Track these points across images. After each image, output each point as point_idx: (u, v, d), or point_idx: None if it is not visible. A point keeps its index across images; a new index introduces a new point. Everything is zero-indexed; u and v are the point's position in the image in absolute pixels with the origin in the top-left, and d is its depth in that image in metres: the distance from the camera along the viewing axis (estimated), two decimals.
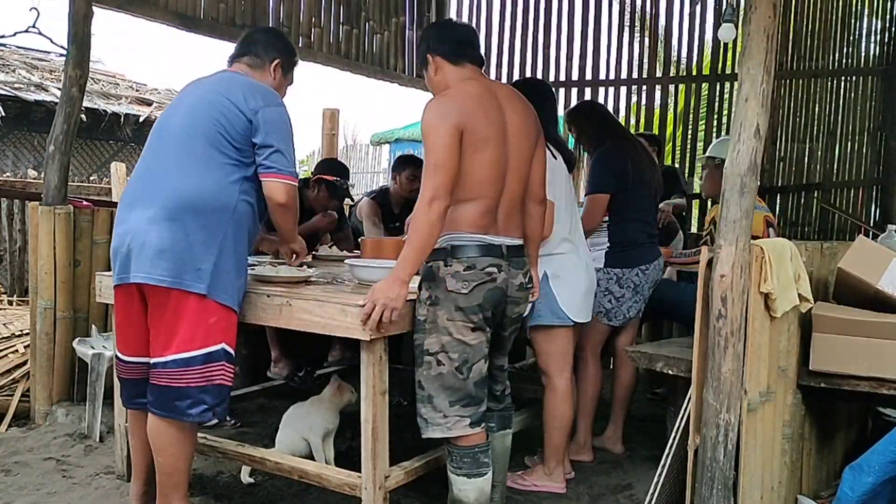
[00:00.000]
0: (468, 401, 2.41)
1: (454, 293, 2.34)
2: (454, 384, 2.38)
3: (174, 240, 2.37)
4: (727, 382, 2.26)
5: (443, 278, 2.35)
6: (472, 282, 2.35)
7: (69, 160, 3.91)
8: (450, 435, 2.40)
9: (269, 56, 2.70)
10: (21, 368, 4.05)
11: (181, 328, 2.39)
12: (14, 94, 9.58)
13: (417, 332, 2.42)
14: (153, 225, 2.38)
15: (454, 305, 2.35)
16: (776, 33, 2.27)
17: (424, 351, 2.39)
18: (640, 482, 3.13)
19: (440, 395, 2.39)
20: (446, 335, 2.36)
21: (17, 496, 2.94)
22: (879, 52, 6.25)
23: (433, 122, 2.31)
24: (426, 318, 2.38)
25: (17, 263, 6.31)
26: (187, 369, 2.40)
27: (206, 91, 2.57)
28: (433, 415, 2.40)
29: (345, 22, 5.92)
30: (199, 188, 2.41)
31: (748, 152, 2.24)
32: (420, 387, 2.42)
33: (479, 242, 2.37)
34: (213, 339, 2.42)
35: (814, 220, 6.39)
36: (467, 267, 2.35)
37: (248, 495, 3.00)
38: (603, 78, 6.73)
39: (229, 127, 2.46)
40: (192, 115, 2.51)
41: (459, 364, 2.38)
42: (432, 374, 2.39)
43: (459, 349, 2.37)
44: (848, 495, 2.44)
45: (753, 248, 2.30)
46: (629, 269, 3.31)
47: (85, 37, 3.85)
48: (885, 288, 2.66)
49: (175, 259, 2.36)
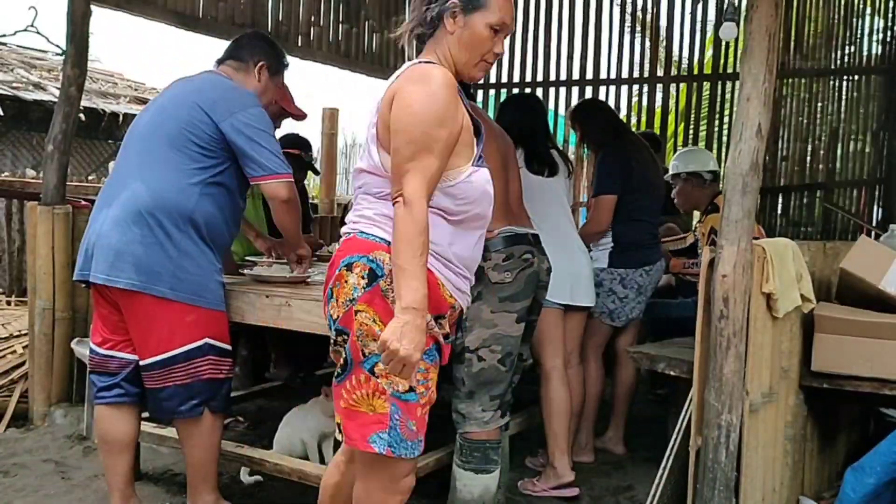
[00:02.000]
0: (506, 392, 2.46)
1: (499, 284, 2.38)
2: (496, 377, 2.41)
3: (131, 242, 2.37)
4: (729, 383, 2.25)
5: (485, 272, 2.36)
6: (514, 270, 2.40)
7: (68, 160, 3.90)
8: (487, 429, 2.43)
9: (253, 58, 2.68)
10: (19, 369, 4.03)
11: (155, 329, 2.40)
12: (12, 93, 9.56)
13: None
14: (114, 226, 2.39)
15: (498, 297, 2.38)
16: (778, 32, 2.26)
17: (465, 348, 2.40)
18: (641, 483, 3.12)
19: (482, 390, 2.41)
20: (490, 328, 2.38)
21: (15, 498, 2.93)
22: (882, 52, 6.23)
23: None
24: (466, 316, 2.37)
25: (15, 263, 6.29)
26: (171, 368, 2.42)
27: (178, 92, 2.56)
28: (472, 410, 2.42)
29: (344, 21, 5.91)
30: (156, 190, 2.40)
31: (750, 152, 2.23)
32: (461, 383, 2.43)
33: (509, 233, 2.42)
34: (193, 336, 2.43)
35: (816, 219, 6.37)
36: (506, 257, 2.40)
37: (248, 496, 2.99)
38: (604, 77, 6.72)
39: (195, 129, 2.44)
40: (159, 115, 2.52)
41: (502, 357, 2.41)
42: (474, 371, 2.40)
43: (504, 341, 2.40)
44: (850, 496, 2.44)
45: (755, 249, 2.28)
46: (633, 269, 3.30)
47: (83, 36, 3.84)
48: (887, 288, 2.65)
49: (134, 262, 2.36)
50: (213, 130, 2.44)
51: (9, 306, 5.54)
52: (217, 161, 2.47)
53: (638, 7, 6.74)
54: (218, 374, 2.49)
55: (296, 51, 5.49)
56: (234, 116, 2.43)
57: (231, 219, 2.58)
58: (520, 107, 3.16)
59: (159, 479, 3.14)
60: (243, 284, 2.68)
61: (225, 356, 2.52)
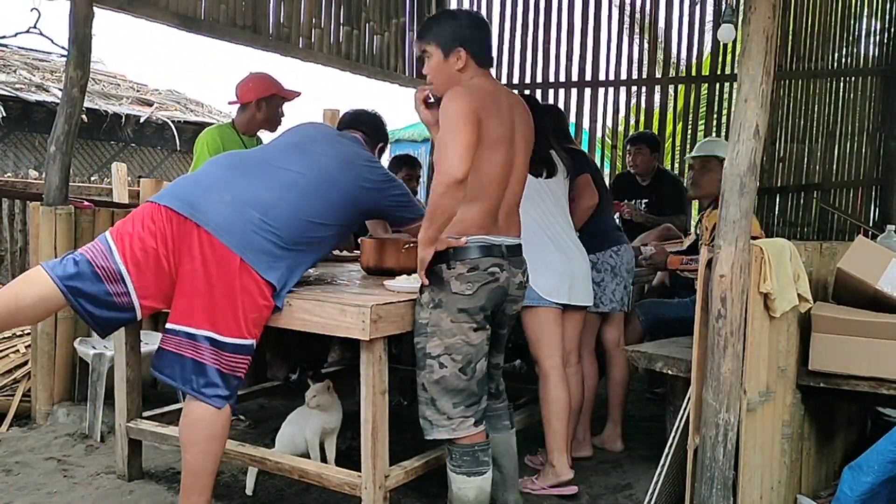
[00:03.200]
0: (471, 400, 2.43)
1: (458, 295, 2.36)
2: (458, 385, 2.39)
3: (266, 240, 2.43)
4: (727, 382, 2.27)
5: (447, 281, 2.36)
6: (476, 283, 2.37)
7: (70, 161, 3.91)
8: (455, 436, 2.42)
9: (377, 143, 3.09)
10: (22, 368, 4.05)
11: (230, 305, 2.36)
12: (15, 94, 9.58)
13: (418, 335, 2.43)
14: (252, 211, 2.43)
15: (457, 307, 2.36)
16: (775, 34, 2.28)
17: (427, 354, 2.40)
18: (639, 482, 3.14)
19: (444, 398, 2.40)
20: (451, 337, 2.37)
21: (17, 496, 2.95)
22: (879, 53, 6.25)
23: (454, 108, 2.29)
24: (428, 322, 2.39)
25: (18, 264, 6.30)
26: (217, 351, 2.38)
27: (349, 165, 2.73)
28: (437, 417, 2.41)
29: (345, 23, 5.93)
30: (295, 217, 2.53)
31: (747, 153, 2.25)
32: (423, 389, 2.43)
33: (481, 243, 2.39)
34: (251, 331, 2.43)
35: (813, 220, 6.39)
36: (471, 268, 2.37)
37: (249, 494, 3.01)
38: (602, 79, 6.74)
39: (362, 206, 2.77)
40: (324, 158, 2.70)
41: (463, 365, 2.39)
42: (435, 378, 2.39)
43: (464, 350, 2.38)
44: (847, 495, 2.45)
45: (753, 249, 2.30)
46: (602, 251, 3.37)
47: (86, 37, 3.86)
48: (884, 288, 2.67)
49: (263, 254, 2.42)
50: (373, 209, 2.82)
51: None
52: (345, 218, 2.70)
53: (636, 9, 6.76)
54: (243, 374, 2.48)
55: (297, 52, 5.52)
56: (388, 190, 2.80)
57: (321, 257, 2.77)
58: None
59: (161, 477, 3.16)
60: None
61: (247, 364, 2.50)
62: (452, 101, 2.30)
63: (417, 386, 2.45)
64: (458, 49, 2.42)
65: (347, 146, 2.80)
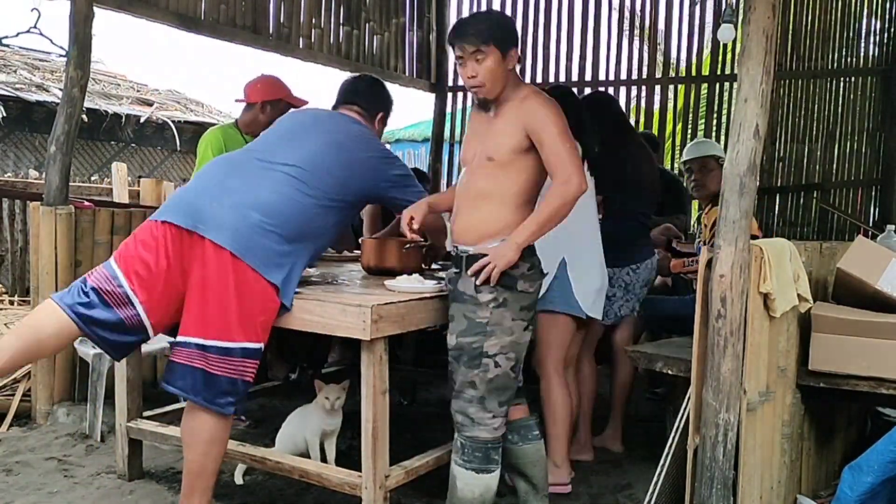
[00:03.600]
0: (512, 399, 2.49)
1: (523, 293, 2.42)
2: (507, 384, 2.44)
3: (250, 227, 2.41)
4: (726, 382, 2.27)
5: (514, 278, 2.39)
6: (536, 281, 2.47)
7: (70, 160, 3.91)
8: (494, 435, 2.44)
9: (377, 112, 2.93)
10: (22, 368, 4.05)
11: (239, 311, 2.36)
12: (15, 94, 9.58)
13: (472, 334, 2.41)
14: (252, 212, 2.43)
15: (520, 306, 2.42)
16: (775, 34, 2.28)
17: (483, 353, 2.40)
18: (639, 482, 3.14)
19: (492, 396, 2.42)
20: (509, 335, 2.41)
21: (18, 496, 2.95)
22: (878, 53, 6.25)
23: (564, 121, 2.40)
24: (488, 321, 2.39)
25: (18, 264, 6.31)
26: (225, 358, 2.38)
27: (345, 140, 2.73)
28: (482, 415, 2.42)
29: (345, 23, 5.93)
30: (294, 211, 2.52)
31: (747, 153, 2.25)
32: (472, 387, 2.42)
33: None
34: (258, 336, 2.42)
35: (813, 220, 6.39)
36: (530, 267, 2.44)
37: (249, 494, 3.01)
38: (602, 78, 6.74)
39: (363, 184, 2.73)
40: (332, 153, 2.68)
41: (514, 364, 2.44)
42: (489, 377, 2.41)
43: (517, 349, 2.44)
44: (847, 495, 2.45)
45: (753, 249, 2.30)
46: (619, 268, 3.32)
47: (86, 37, 3.86)
48: (884, 288, 2.67)
49: (264, 250, 2.40)
50: (374, 189, 2.76)
51: (12, 306, 5.56)
52: (349, 198, 2.68)
53: (636, 9, 6.76)
54: (251, 378, 2.47)
55: (297, 52, 5.52)
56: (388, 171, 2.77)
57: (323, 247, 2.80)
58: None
59: (161, 477, 3.16)
60: None
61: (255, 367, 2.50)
62: (557, 108, 2.41)
63: (460, 384, 2.43)
64: (513, 49, 2.44)
65: (339, 127, 2.76)
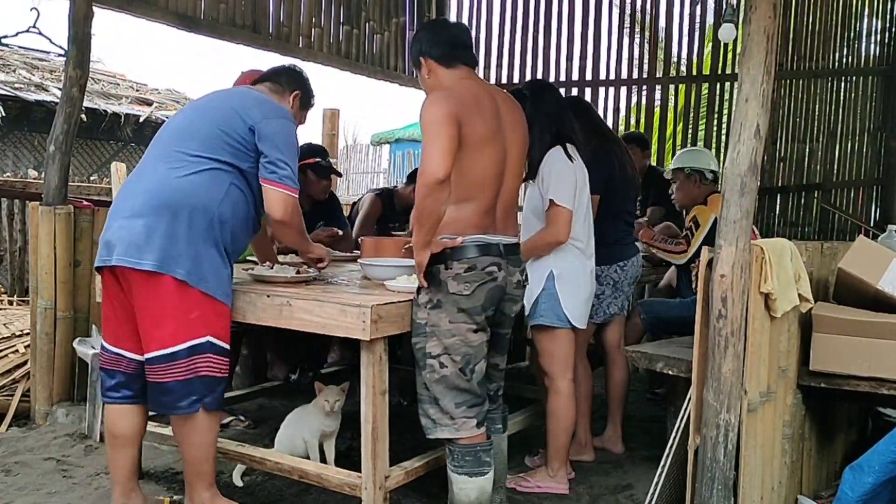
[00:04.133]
0: (474, 401, 2.43)
1: (456, 295, 2.35)
2: (459, 385, 2.39)
3: (155, 230, 2.43)
4: (727, 382, 2.26)
5: (444, 281, 2.36)
6: (473, 283, 2.36)
7: (69, 160, 3.91)
8: (458, 436, 2.41)
9: (290, 86, 2.80)
10: (21, 368, 4.05)
11: (165, 321, 2.44)
12: (14, 94, 9.58)
13: (417, 335, 2.42)
14: (139, 216, 2.46)
15: (456, 308, 2.36)
16: (776, 33, 2.28)
17: (427, 354, 2.39)
18: (640, 482, 3.13)
19: (446, 397, 2.40)
20: (449, 338, 2.37)
21: (17, 496, 2.94)
22: (879, 53, 6.25)
23: (432, 113, 2.32)
24: (426, 322, 2.39)
25: (17, 263, 6.31)
26: (173, 363, 2.45)
27: (215, 98, 2.66)
28: (440, 416, 2.41)
29: (345, 22, 5.93)
30: (183, 186, 2.47)
31: (748, 152, 2.25)
32: (425, 388, 2.42)
33: (478, 242, 2.38)
34: (197, 332, 2.46)
35: (814, 220, 6.39)
36: (468, 268, 2.36)
37: (249, 495, 3.00)
38: (603, 78, 6.74)
39: (230, 131, 2.52)
40: (196, 117, 2.61)
41: (463, 365, 2.39)
42: (436, 377, 2.39)
43: (462, 351, 2.38)
44: (848, 495, 2.45)
45: (753, 249, 2.30)
46: (607, 265, 3.32)
47: (85, 37, 3.85)
48: (885, 288, 2.66)
49: (157, 246, 2.42)
50: (247, 133, 2.52)
51: (11, 306, 5.56)
52: (245, 166, 2.55)
53: (636, 8, 6.76)
54: (216, 372, 2.52)
55: (297, 52, 5.51)
56: (270, 121, 2.53)
57: (248, 223, 2.64)
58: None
59: (161, 477, 3.15)
60: (244, 284, 2.70)
61: (224, 356, 2.54)
62: (428, 106, 2.34)
63: (418, 386, 2.45)
64: (421, 59, 2.52)
65: (220, 94, 2.70)
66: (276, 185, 2.51)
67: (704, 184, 3.89)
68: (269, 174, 2.50)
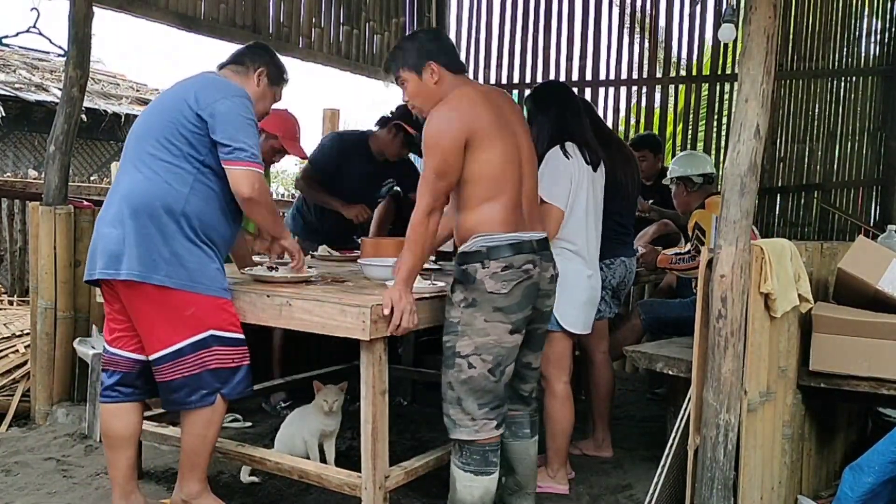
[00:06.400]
0: (496, 403, 2.41)
1: (493, 294, 2.33)
2: (485, 386, 2.37)
3: (127, 237, 2.43)
4: (727, 383, 2.27)
5: (481, 280, 2.33)
6: (511, 281, 2.34)
7: (70, 160, 3.91)
8: (477, 437, 2.39)
9: (253, 64, 2.73)
10: (21, 368, 4.05)
11: (159, 323, 2.46)
12: (15, 94, 9.59)
13: (448, 333, 2.40)
14: (111, 224, 2.48)
15: (493, 307, 2.33)
16: (776, 34, 2.28)
17: (456, 353, 2.37)
18: (639, 482, 3.13)
19: (470, 398, 2.38)
20: (483, 337, 2.34)
21: (17, 496, 2.94)
22: (880, 53, 6.24)
23: (439, 131, 2.32)
24: (459, 321, 2.36)
25: (17, 263, 6.31)
26: (179, 360, 2.46)
27: (170, 91, 2.64)
28: (461, 417, 2.39)
29: (345, 22, 5.93)
30: (147, 187, 2.47)
31: (748, 153, 2.25)
32: (450, 388, 2.40)
33: (513, 241, 2.36)
34: (196, 328, 2.46)
35: (814, 220, 6.39)
36: (505, 267, 2.33)
37: (249, 495, 3.00)
38: (603, 78, 6.73)
39: (179, 123, 2.49)
40: (152, 114, 2.61)
41: (493, 366, 2.36)
42: (463, 377, 2.37)
43: (495, 351, 2.35)
44: (848, 495, 2.45)
45: (753, 249, 2.30)
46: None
47: (85, 37, 3.86)
48: (885, 288, 2.67)
49: (132, 255, 2.43)
50: (197, 120, 2.48)
51: (11, 306, 5.56)
52: (205, 154, 2.51)
53: (636, 9, 6.76)
54: (228, 363, 2.51)
55: (297, 52, 5.51)
56: (216, 103, 2.47)
57: (225, 212, 2.59)
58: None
59: (161, 477, 3.15)
60: (244, 284, 2.70)
61: (235, 345, 2.52)
62: (429, 124, 2.37)
63: (443, 384, 2.42)
64: (429, 64, 2.45)
65: (179, 87, 2.62)
66: (236, 163, 2.47)
67: (694, 189, 3.88)
68: (227, 155, 2.47)
